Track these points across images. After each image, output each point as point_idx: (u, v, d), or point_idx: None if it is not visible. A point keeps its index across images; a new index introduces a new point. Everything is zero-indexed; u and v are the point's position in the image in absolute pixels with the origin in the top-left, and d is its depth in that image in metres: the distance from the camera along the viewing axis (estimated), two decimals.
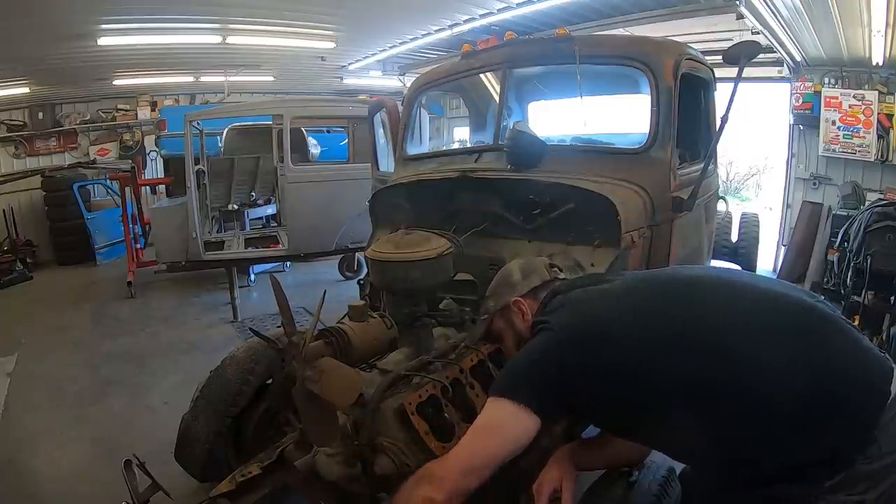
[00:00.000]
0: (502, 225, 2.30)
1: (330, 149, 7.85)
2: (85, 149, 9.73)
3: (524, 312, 1.55)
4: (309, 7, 5.84)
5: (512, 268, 1.67)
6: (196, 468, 2.24)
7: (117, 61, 7.41)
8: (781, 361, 1.09)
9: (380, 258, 1.97)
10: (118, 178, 7.17)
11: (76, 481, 2.77)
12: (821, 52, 5.58)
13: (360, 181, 4.79)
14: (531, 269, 1.64)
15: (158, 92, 9.99)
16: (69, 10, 5.08)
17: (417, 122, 3.41)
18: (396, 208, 2.60)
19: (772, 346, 1.12)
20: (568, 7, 5.49)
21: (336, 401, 1.46)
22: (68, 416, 3.52)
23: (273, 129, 6.71)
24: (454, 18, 6.25)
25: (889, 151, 5.48)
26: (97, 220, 8.28)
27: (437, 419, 1.66)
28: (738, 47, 2.21)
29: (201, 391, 2.30)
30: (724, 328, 1.17)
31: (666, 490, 1.52)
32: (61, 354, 4.63)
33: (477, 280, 2.28)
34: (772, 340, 1.13)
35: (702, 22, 5.13)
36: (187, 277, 6.66)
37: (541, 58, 2.80)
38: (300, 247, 5.55)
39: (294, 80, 10.16)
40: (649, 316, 1.27)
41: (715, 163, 3.11)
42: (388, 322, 1.83)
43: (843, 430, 1.04)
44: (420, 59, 8.54)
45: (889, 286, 4.12)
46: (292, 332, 1.63)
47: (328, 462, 1.65)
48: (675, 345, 1.18)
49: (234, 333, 4.96)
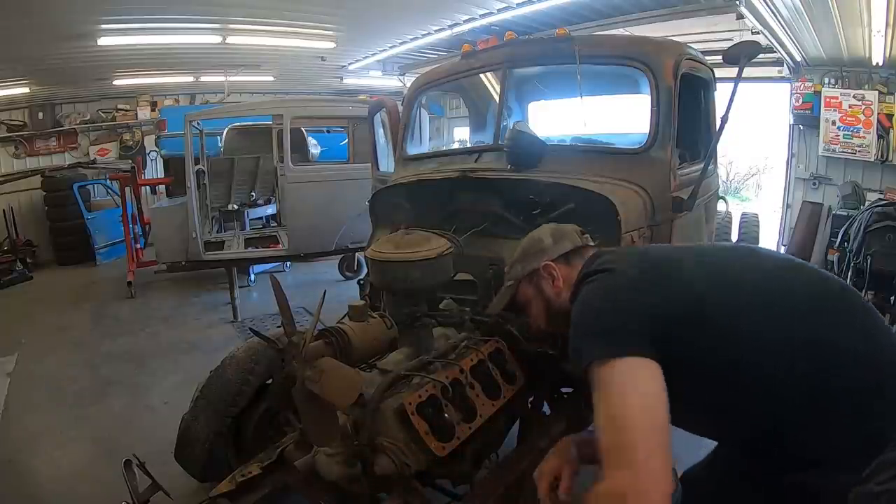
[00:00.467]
0: (502, 225, 2.29)
1: (330, 149, 7.85)
2: (85, 149, 9.74)
3: (555, 278, 1.42)
4: (309, 7, 5.85)
5: (542, 232, 1.54)
6: (196, 468, 2.24)
7: (117, 61, 7.41)
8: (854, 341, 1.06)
9: (380, 258, 1.97)
10: (118, 178, 7.17)
11: (76, 481, 2.77)
12: (821, 52, 5.58)
13: (360, 181, 4.79)
14: (562, 233, 1.51)
15: (158, 92, 9.99)
16: (69, 10, 5.08)
17: (417, 122, 3.41)
18: (396, 208, 2.60)
19: (841, 326, 1.09)
20: (568, 7, 5.49)
21: (336, 401, 1.46)
22: (68, 416, 3.52)
23: (273, 129, 6.71)
24: (454, 18, 6.26)
25: (889, 151, 5.49)
26: (97, 220, 8.28)
27: (437, 419, 1.66)
28: (738, 47, 2.21)
29: (201, 391, 2.30)
30: (793, 293, 1.14)
31: None
32: (61, 354, 4.63)
33: (477, 280, 2.28)
34: (839, 321, 1.10)
35: (702, 22, 5.13)
36: (187, 277, 6.66)
37: (541, 58, 2.80)
38: (300, 247, 5.55)
39: (294, 80, 10.16)
40: (717, 268, 1.22)
41: (715, 163, 3.11)
42: (388, 322, 1.83)
43: (886, 415, 1.01)
44: (420, 59, 8.54)
45: (889, 286, 4.13)
46: (292, 332, 1.63)
47: (328, 462, 1.65)
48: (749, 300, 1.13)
49: (234, 333, 4.96)
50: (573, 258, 1.45)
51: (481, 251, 2.28)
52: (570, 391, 2.36)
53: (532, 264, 1.47)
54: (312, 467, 1.71)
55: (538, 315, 1.49)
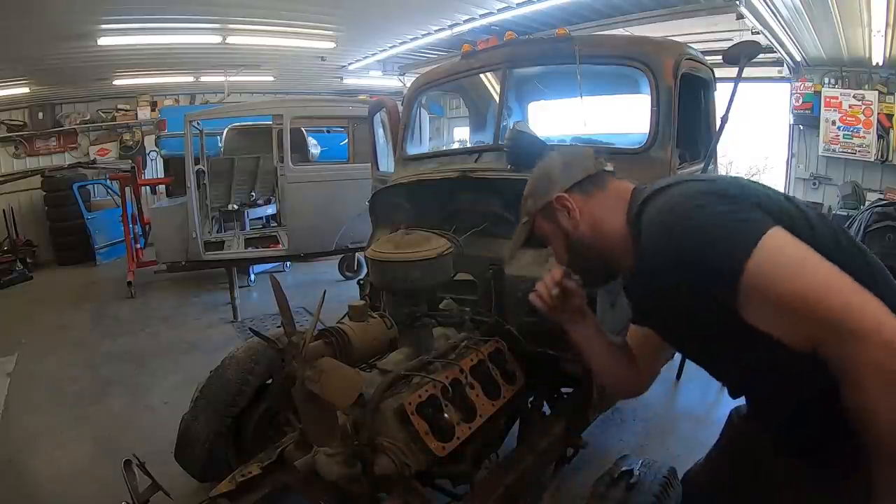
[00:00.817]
0: (502, 225, 2.29)
1: (330, 149, 7.85)
2: (85, 149, 9.74)
3: (571, 209, 1.27)
4: (308, 7, 5.85)
5: (550, 162, 1.40)
6: (196, 468, 2.24)
7: (117, 61, 7.41)
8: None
9: (380, 258, 1.97)
10: (118, 178, 7.17)
11: (76, 481, 2.76)
12: (821, 52, 5.59)
13: (360, 181, 4.79)
14: (572, 158, 1.37)
15: (158, 92, 9.99)
16: (69, 10, 5.08)
17: (417, 122, 3.40)
18: (396, 208, 2.60)
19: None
20: (568, 7, 5.50)
21: (336, 401, 1.46)
22: (68, 416, 3.51)
23: (273, 129, 6.70)
24: (454, 18, 6.26)
25: (889, 151, 5.49)
26: (97, 220, 8.28)
27: (436, 419, 1.66)
28: (738, 47, 2.22)
29: (201, 391, 2.30)
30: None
31: (666, 490, 1.52)
32: (61, 354, 4.62)
33: (477, 280, 2.29)
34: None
35: (702, 22, 5.14)
36: (187, 277, 6.65)
37: (541, 58, 2.80)
38: (300, 247, 5.55)
39: (294, 80, 10.17)
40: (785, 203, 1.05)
41: (715, 163, 3.10)
42: (388, 322, 1.83)
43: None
44: (420, 59, 8.55)
45: None
46: (292, 332, 1.63)
47: (328, 462, 1.65)
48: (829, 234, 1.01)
49: (234, 333, 4.95)
50: (589, 186, 1.29)
51: (481, 251, 2.28)
52: (570, 391, 2.37)
53: (544, 198, 1.33)
54: (312, 467, 1.71)
55: (558, 250, 1.35)
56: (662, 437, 3.00)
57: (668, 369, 3.08)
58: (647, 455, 1.80)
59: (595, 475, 1.62)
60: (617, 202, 1.23)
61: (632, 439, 2.98)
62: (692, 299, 1.02)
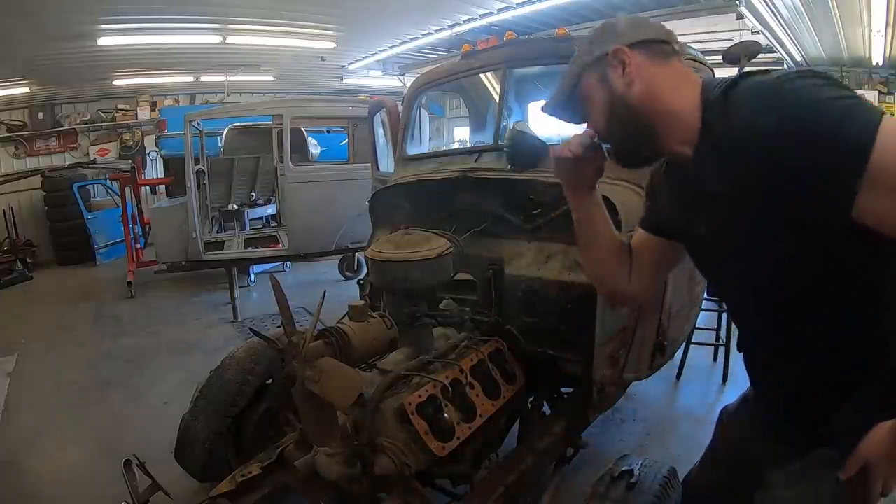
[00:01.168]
0: (502, 225, 2.29)
1: (330, 149, 7.85)
2: (85, 149, 9.75)
3: (626, 64, 1.10)
4: (308, 7, 5.85)
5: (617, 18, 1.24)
6: (196, 468, 2.24)
7: (117, 61, 7.42)
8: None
9: (380, 258, 1.97)
10: (118, 178, 7.17)
11: (76, 481, 2.76)
12: (821, 52, 5.59)
13: (360, 181, 4.79)
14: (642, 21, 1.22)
15: (158, 92, 10.01)
16: (69, 10, 5.09)
17: (417, 122, 3.40)
18: (396, 208, 2.60)
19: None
20: (568, 7, 5.50)
21: (336, 401, 1.46)
22: (68, 416, 3.51)
23: (273, 129, 6.71)
24: (454, 18, 6.26)
25: None
26: (97, 220, 8.28)
27: (436, 419, 1.66)
28: (738, 47, 2.22)
29: (201, 391, 2.30)
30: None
31: (667, 490, 1.52)
32: (61, 354, 4.62)
33: (477, 280, 2.29)
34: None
35: (702, 22, 5.14)
36: (187, 277, 6.65)
37: (541, 58, 2.80)
38: (300, 247, 5.55)
39: (294, 80, 10.17)
40: None
41: None
42: (388, 322, 1.83)
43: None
44: (420, 59, 8.55)
45: None
46: (292, 332, 1.63)
47: (328, 462, 1.65)
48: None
49: (234, 333, 4.95)
50: (655, 50, 1.13)
51: (481, 251, 2.28)
52: (570, 391, 2.37)
53: (600, 48, 1.15)
54: (312, 467, 1.71)
55: (598, 112, 1.17)
56: (662, 437, 2.99)
57: (669, 369, 3.08)
58: (647, 455, 1.80)
59: (595, 475, 1.62)
60: (682, 75, 1.10)
61: (632, 439, 2.98)
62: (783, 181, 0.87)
